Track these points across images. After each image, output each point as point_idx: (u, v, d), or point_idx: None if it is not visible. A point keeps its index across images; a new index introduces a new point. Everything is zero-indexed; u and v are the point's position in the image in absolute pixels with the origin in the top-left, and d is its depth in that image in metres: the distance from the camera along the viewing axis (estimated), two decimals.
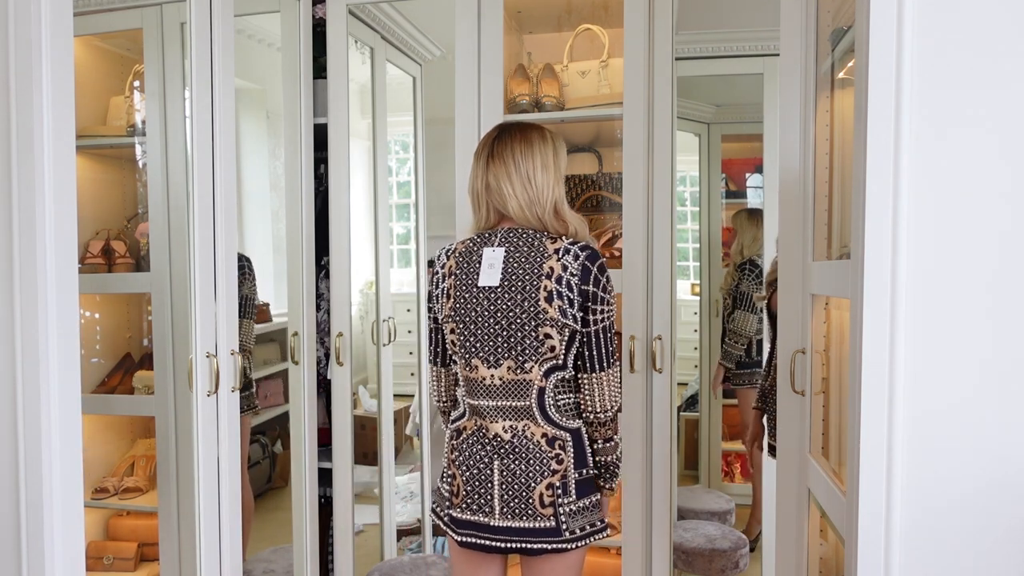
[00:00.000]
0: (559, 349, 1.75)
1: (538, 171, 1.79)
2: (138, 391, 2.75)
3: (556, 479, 1.75)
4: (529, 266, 1.75)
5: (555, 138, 1.86)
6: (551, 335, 1.74)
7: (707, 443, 3.34)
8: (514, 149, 1.80)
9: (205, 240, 2.16)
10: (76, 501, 1.52)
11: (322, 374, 2.96)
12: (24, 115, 1.44)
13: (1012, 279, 1.16)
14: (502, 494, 1.77)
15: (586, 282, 1.74)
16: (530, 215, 1.79)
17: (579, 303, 1.74)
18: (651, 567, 2.40)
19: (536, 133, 1.84)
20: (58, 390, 1.47)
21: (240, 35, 2.62)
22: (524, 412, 1.77)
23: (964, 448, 1.18)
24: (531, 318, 1.74)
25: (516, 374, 1.76)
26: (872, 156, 1.18)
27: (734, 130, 3.33)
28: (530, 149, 1.81)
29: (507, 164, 1.80)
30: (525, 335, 1.75)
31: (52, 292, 1.46)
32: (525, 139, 1.82)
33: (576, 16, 2.72)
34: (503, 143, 1.82)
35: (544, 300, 1.73)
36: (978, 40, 1.16)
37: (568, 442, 1.77)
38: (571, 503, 1.76)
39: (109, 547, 2.83)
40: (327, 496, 2.88)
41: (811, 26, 1.84)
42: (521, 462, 1.76)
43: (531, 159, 1.80)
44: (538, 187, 1.79)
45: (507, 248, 1.79)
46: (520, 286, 1.75)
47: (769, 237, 2.98)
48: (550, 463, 1.76)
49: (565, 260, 1.74)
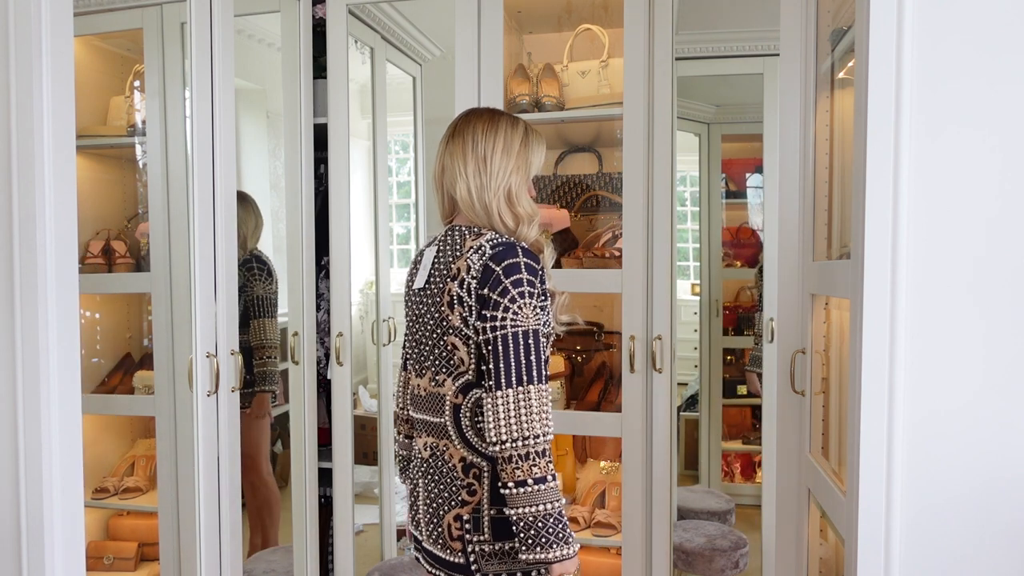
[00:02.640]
0: (468, 363, 1.53)
1: (497, 153, 1.58)
2: (138, 391, 2.75)
3: (466, 512, 1.52)
4: (443, 267, 1.56)
5: (530, 131, 1.65)
6: (457, 346, 1.53)
7: (707, 443, 3.34)
8: (475, 128, 1.61)
9: (205, 240, 2.16)
10: (76, 501, 1.52)
11: (322, 374, 2.96)
12: (24, 115, 1.44)
13: (1012, 279, 1.16)
14: (425, 515, 1.60)
15: (484, 285, 1.48)
16: (478, 204, 1.58)
17: (476, 310, 1.49)
18: (651, 567, 2.40)
19: (506, 118, 1.63)
20: (58, 390, 1.47)
21: (240, 35, 2.63)
22: (441, 430, 1.57)
23: (964, 448, 1.18)
24: (437, 325, 1.55)
25: (433, 387, 1.58)
26: (872, 156, 1.18)
27: (734, 130, 3.33)
28: (493, 129, 1.60)
29: (465, 143, 1.60)
30: (435, 344, 1.57)
31: (52, 292, 1.46)
32: (491, 120, 1.62)
33: (576, 16, 2.72)
34: (466, 122, 1.63)
35: (447, 305, 1.53)
36: (978, 40, 1.16)
37: (485, 472, 1.51)
38: (483, 543, 1.51)
39: (109, 547, 2.83)
40: (327, 496, 2.88)
41: (811, 26, 1.84)
42: (435, 484, 1.57)
43: (492, 140, 1.59)
44: (492, 171, 1.57)
45: (439, 246, 1.61)
46: (434, 290, 1.57)
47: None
48: (460, 492, 1.52)
49: (471, 259, 1.51)
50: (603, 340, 2.82)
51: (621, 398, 2.40)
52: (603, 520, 2.60)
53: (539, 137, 1.67)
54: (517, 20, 2.77)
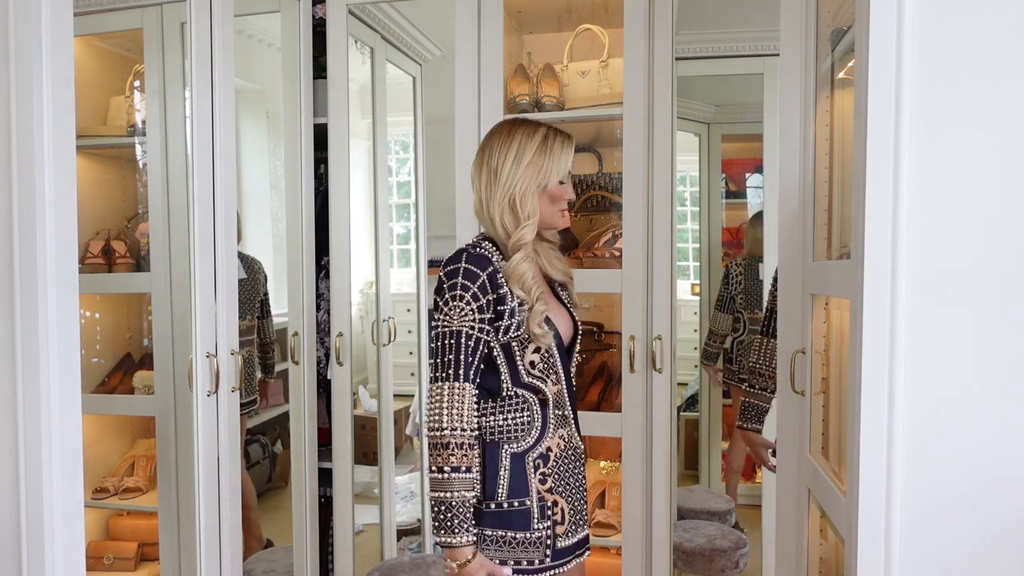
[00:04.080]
0: None
1: (507, 163, 1.65)
2: (138, 391, 2.75)
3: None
4: None
5: (552, 136, 1.70)
6: None
7: (707, 443, 3.34)
8: (492, 142, 1.70)
9: (205, 240, 2.16)
10: (76, 501, 1.52)
11: (322, 374, 2.96)
12: (24, 115, 1.44)
13: (1012, 279, 1.16)
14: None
15: (436, 291, 1.64)
16: (485, 213, 1.69)
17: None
18: (651, 567, 2.40)
19: (524, 127, 1.70)
20: (58, 390, 1.47)
21: (240, 35, 2.63)
22: None
23: (964, 448, 1.18)
24: None
25: None
26: (872, 156, 1.18)
27: (734, 130, 3.33)
28: (508, 140, 1.67)
29: (482, 157, 1.70)
30: None
31: (52, 292, 1.46)
32: (509, 132, 1.69)
33: (576, 16, 2.72)
34: (488, 136, 1.73)
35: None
36: (979, 40, 1.16)
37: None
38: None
39: (109, 547, 2.83)
40: (327, 496, 2.88)
41: (811, 26, 1.84)
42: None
43: (504, 151, 1.66)
44: (500, 181, 1.65)
45: None
46: None
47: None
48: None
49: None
50: (603, 340, 2.82)
51: (621, 398, 2.40)
52: (603, 520, 2.61)
53: (563, 141, 1.71)
54: (517, 20, 2.77)
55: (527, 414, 1.67)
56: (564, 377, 1.73)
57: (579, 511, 1.73)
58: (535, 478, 1.64)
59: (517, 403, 1.67)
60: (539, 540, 1.64)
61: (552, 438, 1.68)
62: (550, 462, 1.67)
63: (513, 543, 1.63)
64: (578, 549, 1.73)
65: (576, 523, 1.72)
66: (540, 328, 1.64)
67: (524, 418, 1.67)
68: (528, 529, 1.63)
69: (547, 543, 1.64)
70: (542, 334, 1.65)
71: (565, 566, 1.68)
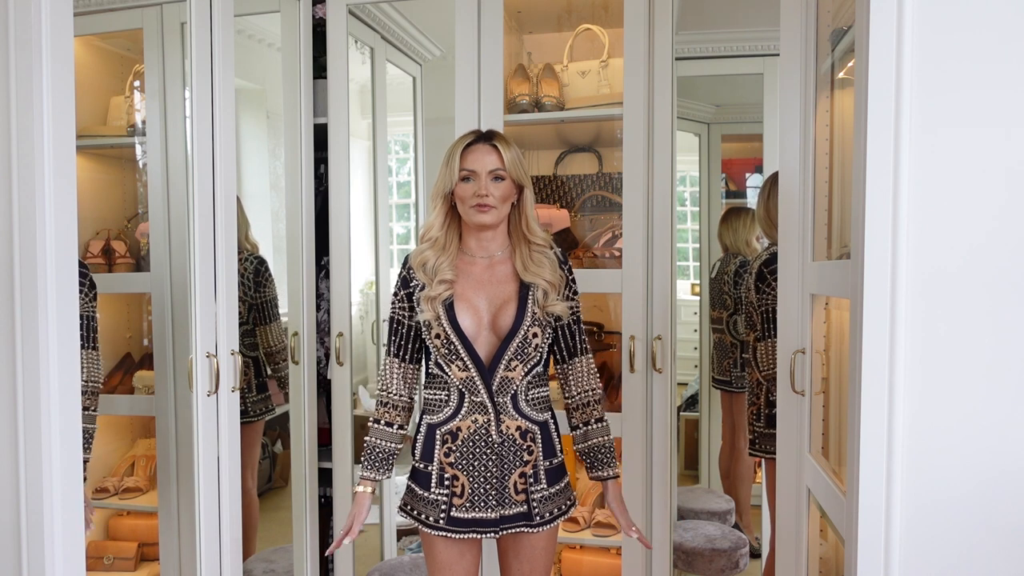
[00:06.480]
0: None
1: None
2: (138, 391, 2.75)
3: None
4: None
5: (459, 140, 1.90)
6: None
7: (707, 443, 3.34)
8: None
9: (205, 240, 2.16)
10: (76, 501, 1.52)
11: (322, 374, 2.96)
12: (24, 115, 1.44)
13: (1012, 279, 1.16)
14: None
15: None
16: None
17: None
18: (651, 567, 2.40)
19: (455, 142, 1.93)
20: (58, 390, 1.47)
21: (240, 35, 2.62)
22: None
23: (964, 448, 1.18)
24: None
25: None
26: (872, 156, 1.18)
27: (734, 130, 3.33)
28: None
29: None
30: None
31: (52, 292, 1.46)
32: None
33: (576, 16, 2.72)
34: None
35: None
36: (979, 40, 1.16)
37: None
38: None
39: (109, 547, 2.83)
40: (327, 496, 2.88)
41: (811, 26, 1.84)
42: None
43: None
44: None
45: None
46: None
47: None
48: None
49: None
50: (603, 340, 2.82)
51: (621, 398, 2.40)
52: (603, 520, 2.61)
53: (460, 141, 1.86)
54: (517, 20, 2.77)
55: (444, 393, 1.86)
56: (476, 367, 1.80)
57: (487, 492, 1.83)
58: (440, 450, 1.84)
59: (436, 382, 1.88)
60: (435, 502, 1.84)
61: (464, 420, 1.83)
62: (458, 440, 1.83)
63: (417, 496, 1.87)
64: (489, 526, 1.84)
65: (481, 501, 1.82)
66: (422, 311, 1.84)
67: (441, 396, 1.86)
68: (428, 489, 1.85)
69: (442, 507, 1.83)
70: (419, 311, 1.85)
71: (467, 535, 1.84)
